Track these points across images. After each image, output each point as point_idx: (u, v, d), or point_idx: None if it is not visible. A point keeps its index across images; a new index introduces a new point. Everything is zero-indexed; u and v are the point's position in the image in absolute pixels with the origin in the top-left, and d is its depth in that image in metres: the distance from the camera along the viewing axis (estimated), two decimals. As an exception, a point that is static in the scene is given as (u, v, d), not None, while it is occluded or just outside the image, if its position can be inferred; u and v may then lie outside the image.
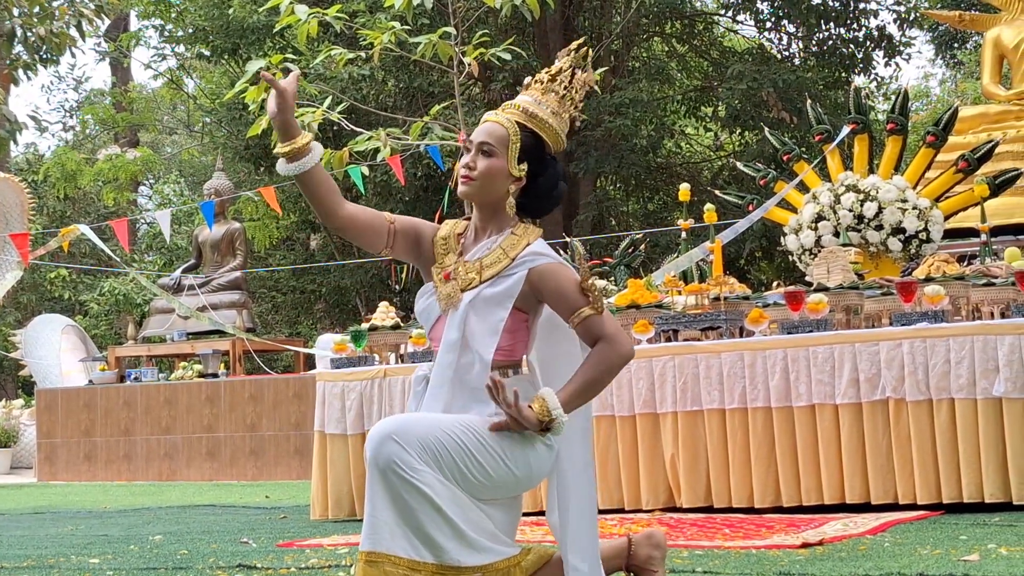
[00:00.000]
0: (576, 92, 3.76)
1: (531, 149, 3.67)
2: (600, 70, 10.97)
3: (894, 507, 6.63)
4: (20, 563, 5.88)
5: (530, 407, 3.48)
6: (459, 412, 3.56)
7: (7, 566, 5.78)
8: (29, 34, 22.07)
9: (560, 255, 3.63)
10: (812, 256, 9.28)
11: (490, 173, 3.64)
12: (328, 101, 10.56)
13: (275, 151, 3.67)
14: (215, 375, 13.79)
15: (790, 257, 9.96)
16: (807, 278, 8.57)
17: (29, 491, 12.33)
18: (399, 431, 3.37)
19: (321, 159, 3.65)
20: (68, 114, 34.28)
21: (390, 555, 3.36)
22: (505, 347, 3.61)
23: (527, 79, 3.79)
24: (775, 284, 8.97)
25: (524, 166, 3.65)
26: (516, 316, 3.62)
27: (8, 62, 22.34)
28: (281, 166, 3.60)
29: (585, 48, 3.82)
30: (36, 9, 22.04)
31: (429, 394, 3.63)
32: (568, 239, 10.50)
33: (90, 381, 14.70)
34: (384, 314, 8.30)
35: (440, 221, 4.05)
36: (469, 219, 3.79)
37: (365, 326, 8.14)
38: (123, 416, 13.48)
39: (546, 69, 3.79)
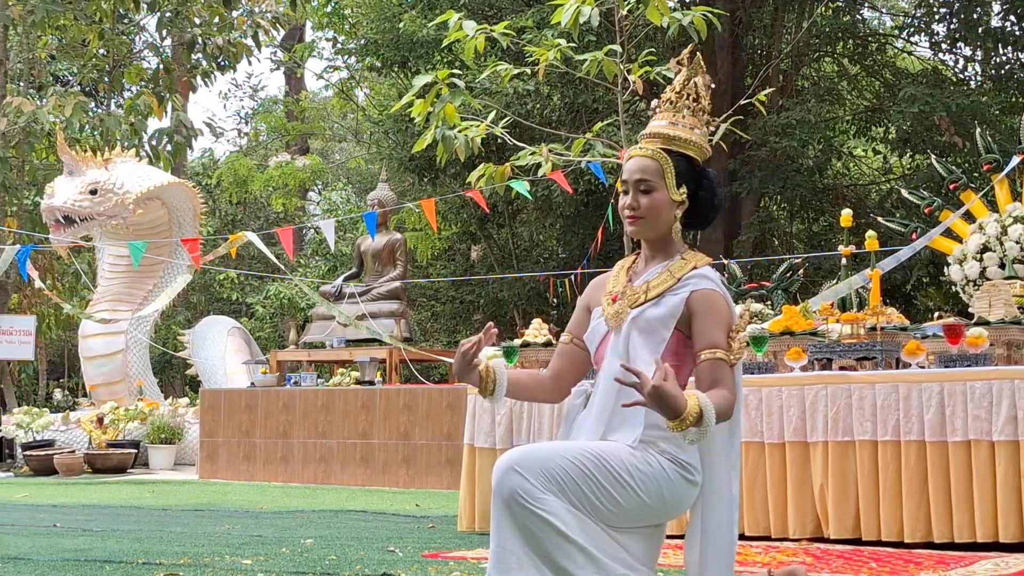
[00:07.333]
0: (704, 100, 3.78)
1: (685, 171, 3.70)
2: (767, 90, 10.88)
3: (1050, 550, 6.45)
4: (177, 560, 6.09)
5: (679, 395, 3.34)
6: (613, 436, 3.57)
7: (165, 563, 5.98)
8: (208, 43, 22.87)
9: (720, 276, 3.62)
10: (976, 287, 9.07)
11: (655, 208, 3.68)
12: (492, 115, 10.67)
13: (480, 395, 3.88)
14: (371, 383, 14.00)
15: (954, 287, 9.74)
16: (970, 309, 8.38)
17: (191, 488, 12.69)
18: (521, 461, 3.40)
19: (507, 376, 3.78)
20: (243, 121, 35.21)
21: None
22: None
23: (654, 102, 3.82)
24: (936, 315, 8.78)
25: (684, 189, 3.68)
26: (682, 340, 3.62)
27: (188, 68, 23.15)
28: (489, 401, 3.88)
29: (696, 53, 3.83)
30: (215, 19, 22.82)
31: (593, 418, 3.64)
32: (725, 261, 10.44)
33: (252, 383, 15.05)
34: (537, 331, 8.35)
35: (603, 236, 4.07)
36: (639, 253, 3.83)
37: (517, 342, 8.19)
38: (282, 419, 13.78)
39: (669, 87, 3.81)
